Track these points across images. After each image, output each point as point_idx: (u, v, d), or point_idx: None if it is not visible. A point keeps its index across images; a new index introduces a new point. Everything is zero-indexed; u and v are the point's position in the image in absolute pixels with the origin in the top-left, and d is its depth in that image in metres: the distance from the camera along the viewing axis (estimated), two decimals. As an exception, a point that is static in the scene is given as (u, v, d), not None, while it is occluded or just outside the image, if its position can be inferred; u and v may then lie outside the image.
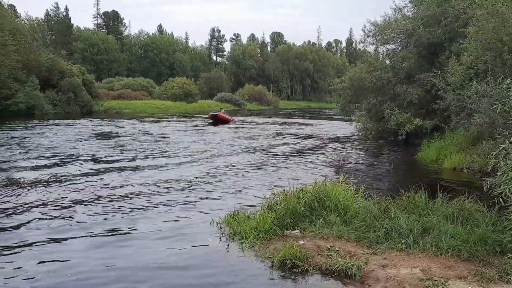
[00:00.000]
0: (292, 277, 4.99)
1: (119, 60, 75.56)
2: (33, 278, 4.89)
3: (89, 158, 13.63)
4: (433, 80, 15.36)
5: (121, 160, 13.31)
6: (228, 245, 5.93)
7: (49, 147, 15.70)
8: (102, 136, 20.84)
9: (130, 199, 8.49)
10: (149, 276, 4.98)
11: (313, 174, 11.59)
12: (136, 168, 11.90)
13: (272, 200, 6.96)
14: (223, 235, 6.28)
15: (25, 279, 4.85)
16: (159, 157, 14.15)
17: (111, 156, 14.08)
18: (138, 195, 8.79)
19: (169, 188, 9.48)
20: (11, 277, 4.87)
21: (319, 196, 6.73)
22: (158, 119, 33.60)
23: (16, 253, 5.63)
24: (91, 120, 30.18)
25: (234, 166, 12.86)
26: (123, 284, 4.81)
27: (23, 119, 28.32)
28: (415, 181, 7.49)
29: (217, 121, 30.28)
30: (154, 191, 9.21)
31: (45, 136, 19.28)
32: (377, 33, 21.04)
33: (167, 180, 10.39)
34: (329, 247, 5.66)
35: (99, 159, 13.51)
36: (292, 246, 5.44)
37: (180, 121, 32.37)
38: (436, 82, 14.99)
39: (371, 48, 23.88)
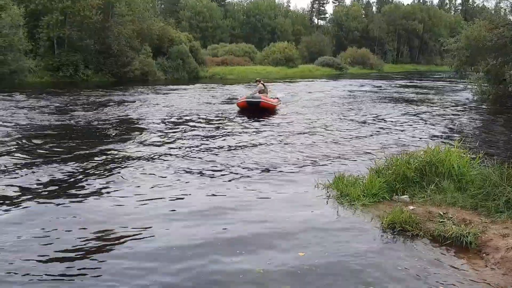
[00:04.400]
0: (402, 241, 4.93)
1: (222, 27, 77.35)
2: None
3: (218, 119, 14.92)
4: None
5: (235, 124, 14.11)
6: (336, 206, 5.99)
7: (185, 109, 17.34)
8: (224, 99, 22.06)
9: (241, 160, 8.88)
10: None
11: (425, 139, 11.09)
12: (251, 133, 12.36)
13: (380, 164, 6.84)
14: (331, 196, 6.34)
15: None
16: (274, 122, 14.56)
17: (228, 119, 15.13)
18: (251, 157, 9.09)
19: (277, 153, 9.62)
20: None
21: (431, 161, 6.44)
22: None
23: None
24: (205, 86, 31.09)
25: (341, 130, 12.78)
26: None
27: (139, 84, 30.54)
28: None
29: (256, 111, 16.35)
30: (262, 153, 9.50)
31: (180, 98, 21.55)
32: (501, -15, 19.01)
33: (277, 143, 10.72)
34: (441, 213, 5.45)
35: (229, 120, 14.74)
36: (401, 211, 5.35)
37: (285, 85, 32.17)
38: None
39: (491, 3, 21.88)
